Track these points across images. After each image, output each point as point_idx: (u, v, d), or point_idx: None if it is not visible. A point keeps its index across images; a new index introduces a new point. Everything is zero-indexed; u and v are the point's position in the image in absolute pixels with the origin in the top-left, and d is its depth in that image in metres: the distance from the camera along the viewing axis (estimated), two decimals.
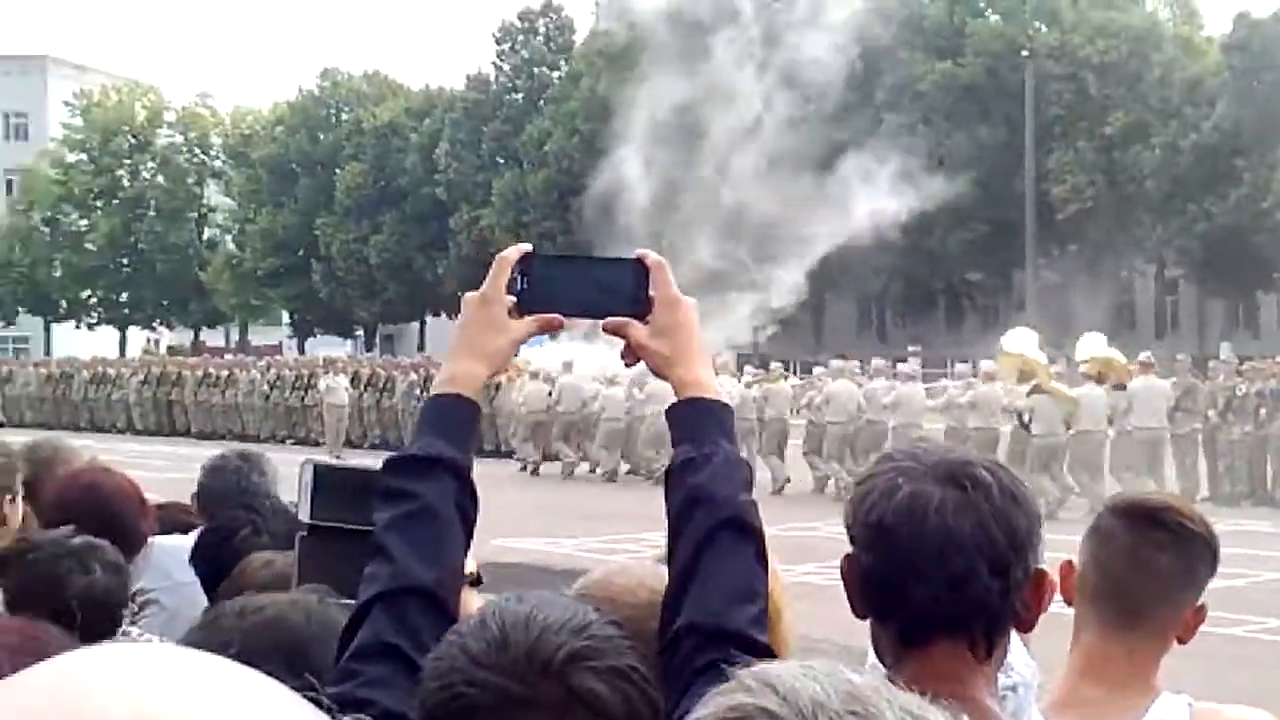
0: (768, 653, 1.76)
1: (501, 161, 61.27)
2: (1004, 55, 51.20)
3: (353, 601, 2.10)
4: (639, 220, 47.78)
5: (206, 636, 1.95)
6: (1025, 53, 49.90)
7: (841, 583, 1.97)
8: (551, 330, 2.00)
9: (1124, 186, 49.30)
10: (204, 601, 3.19)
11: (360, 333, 69.77)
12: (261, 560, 2.79)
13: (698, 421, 1.92)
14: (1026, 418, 20.93)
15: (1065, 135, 50.53)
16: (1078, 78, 50.14)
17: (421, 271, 62.38)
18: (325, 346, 59.87)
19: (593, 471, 26.92)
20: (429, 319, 66.29)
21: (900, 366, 24.91)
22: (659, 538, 2.05)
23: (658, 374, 1.98)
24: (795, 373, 50.95)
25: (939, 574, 1.86)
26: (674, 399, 1.97)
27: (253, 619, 2.02)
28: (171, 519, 4.48)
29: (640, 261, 2.00)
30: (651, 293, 1.98)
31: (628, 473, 26.41)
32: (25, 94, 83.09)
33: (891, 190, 50.80)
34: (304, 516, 2.25)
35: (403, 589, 1.79)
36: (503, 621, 1.53)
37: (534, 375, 28.45)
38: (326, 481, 2.25)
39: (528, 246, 2.01)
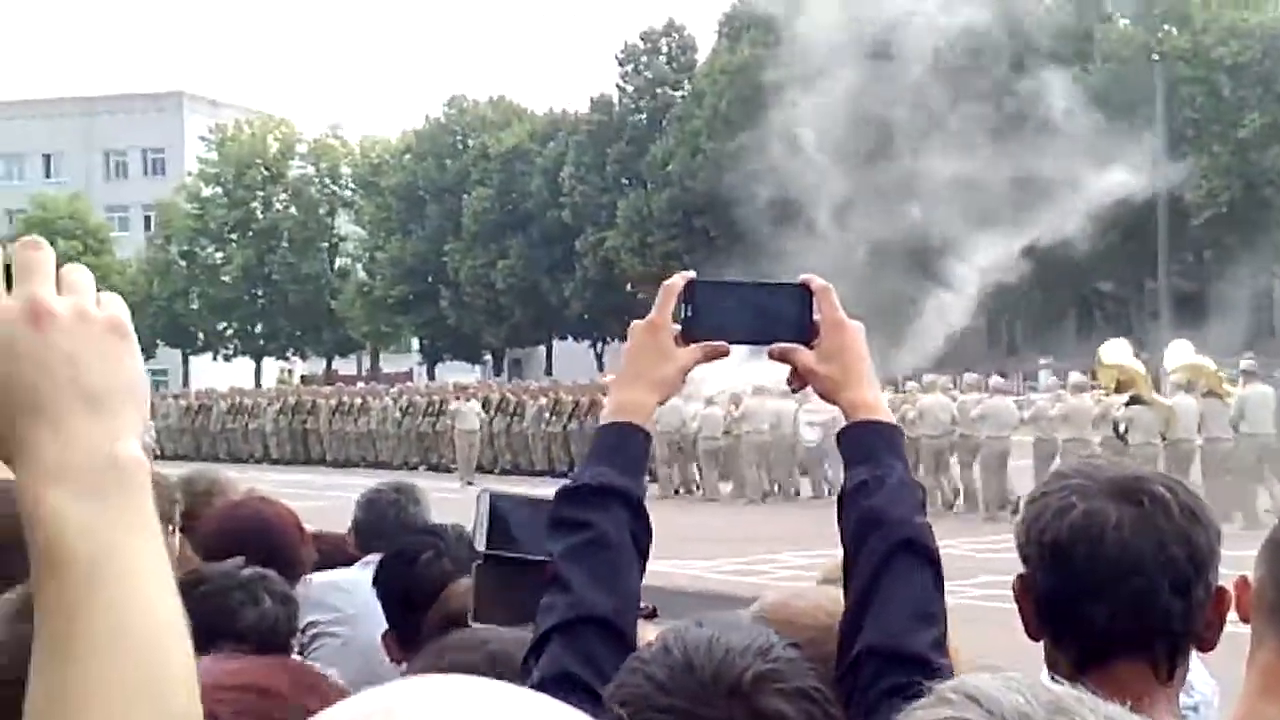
0: (949, 676, 1.72)
1: (626, 183, 61.50)
2: (1134, 59, 50.34)
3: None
4: (766, 237, 47.67)
5: (433, 666, 1.97)
6: (1156, 56, 49.04)
7: (1014, 602, 1.93)
8: (719, 357, 1.99)
9: (1261, 190, 48.20)
10: (375, 630, 3.21)
11: (488, 358, 70.40)
12: (465, 586, 2.82)
13: (870, 444, 1.91)
14: (1123, 427, 20.99)
15: (1199, 139, 49.55)
16: (1210, 80, 49.18)
17: (548, 295, 62.77)
18: (454, 372, 60.48)
19: (688, 491, 27.12)
20: (556, 342, 66.68)
21: (992, 380, 25.02)
22: (793, 557, 2.03)
23: (826, 398, 1.97)
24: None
25: (1119, 593, 1.84)
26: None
27: (480, 652, 2.08)
28: (323, 549, 4.51)
29: (805, 286, 1.99)
30: (816, 317, 1.97)
31: (730, 493, 26.71)
32: (162, 130, 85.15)
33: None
34: (480, 546, 2.28)
35: (581, 618, 1.80)
36: (686, 646, 1.53)
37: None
38: (502, 511, 2.27)
39: (692, 274, 2.00)
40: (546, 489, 2.30)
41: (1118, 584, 1.83)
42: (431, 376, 63.66)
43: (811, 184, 54.79)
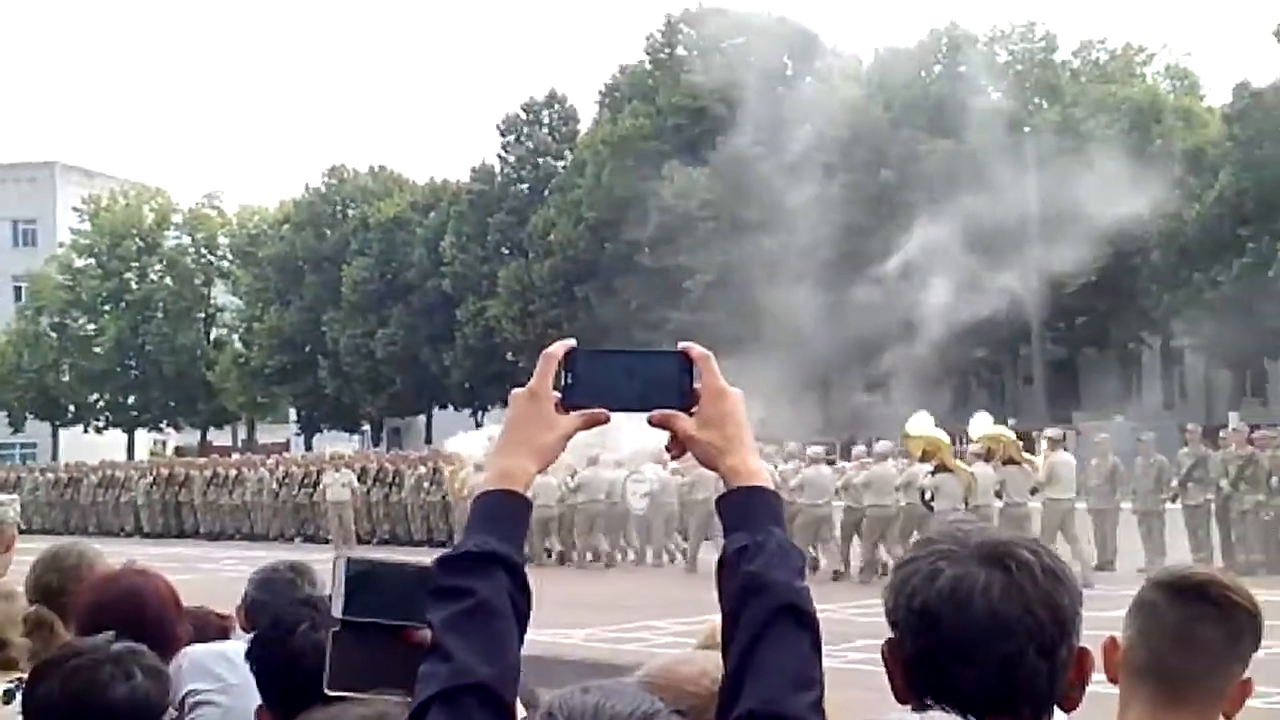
0: None
1: (507, 252, 61.67)
2: (1006, 131, 51.52)
3: (392, 697, 2.14)
4: (650, 308, 47.89)
5: None
6: (1027, 129, 50.24)
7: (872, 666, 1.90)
8: (599, 424, 1.99)
9: (1130, 258, 49.43)
10: (255, 700, 3.13)
11: (367, 427, 69.88)
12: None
13: (750, 510, 1.92)
14: (929, 494, 22.00)
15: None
16: (1081, 151, 50.45)
17: (428, 364, 62.57)
18: (333, 442, 59.95)
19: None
20: (436, 411, 66.37)
21: (809, 450, 25.85)
22: (670, 624, 2.00)
23: (707, 465, 1.96)
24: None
25: (987, 658, 1.86)
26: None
27: None
28: (195, 624, 4.41)
29: (685, 354, 1.99)
30: (697, 384, 1.98)
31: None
32: (34, 201, 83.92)
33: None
34: (337, 612, 2.22)
35: (463, 686, 1.78)
36: (570, 713, 1.54)
37: (478, 467, 28.97)
38: (359, 577, 2.22)
39: (572, 342, 2.01)
40: (425, 558, 2.25)
41: (986, 647, 1.84)
42: (309, 447, 63.05)
43: (691, 254, 55.35)
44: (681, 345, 2.00)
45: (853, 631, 13.83)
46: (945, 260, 51.62)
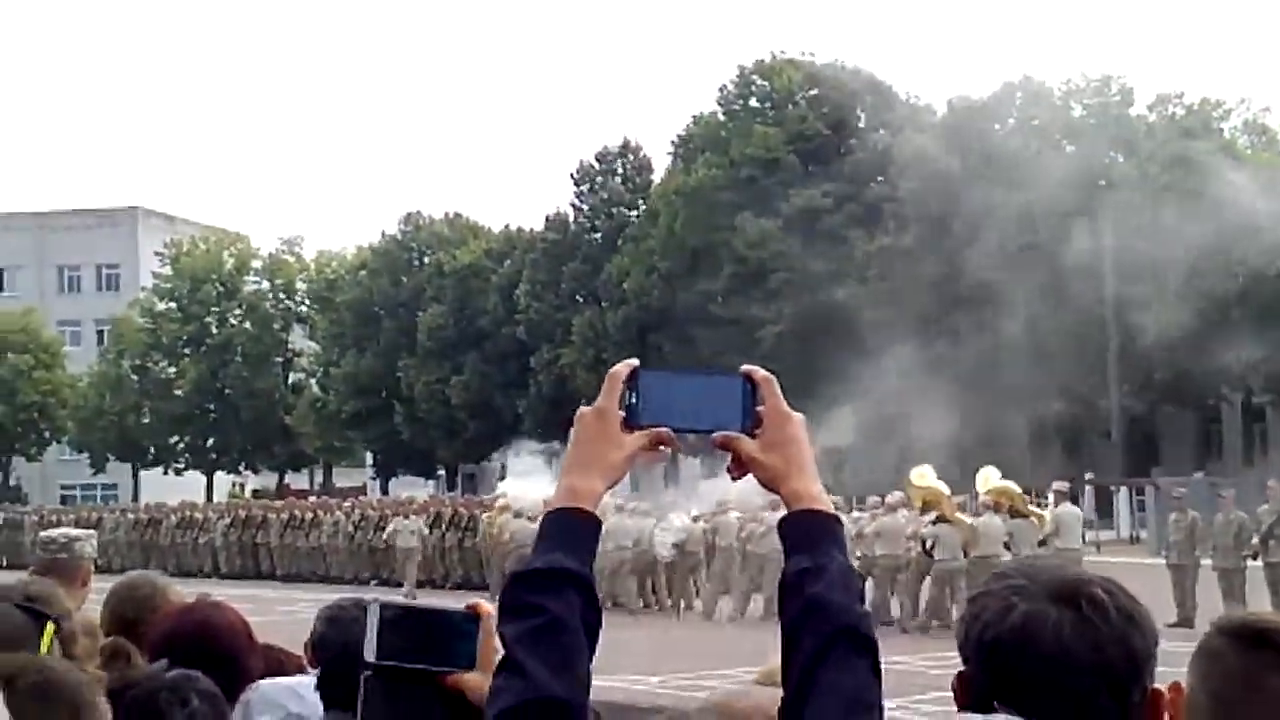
0: None
1: (581, 300, 61.80)
2: (1081, 185, 51.14)
3: None
4: (722, 357, 47.81)
5: None
6: (1102, 182, 49.86)
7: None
8: (662, 444, 2.01)
9: (1207, 314, 48.83)
10: None
11: (442, 472, 70.08)
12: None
13: (812, 533, 1.93)
14: (929, 544, 23.18)
15: (1147, 263, 50.23)
16: (1156, 207, 49.99)
17: (502, 411, 62.71)
18: (408, 487, 60.14)
19: None
20: (511, 458, 66.43)
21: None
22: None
23: (769, 487, 1.98)
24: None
25: (1056, 695, 1.85)
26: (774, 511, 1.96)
27: None
28: (270, 661, 4.48)
29: (749, 377, 2.01)
30: (759, 408, 1.99)
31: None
32: (117, 246, 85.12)
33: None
34: (369, 656, 2.21)
35: (536, 701, 1.80)
36: None
37: (517, 514, 29.33)
38: (392, 621, 2.22)
39: (635, 361, 2.03)
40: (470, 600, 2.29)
41: (1055, 686, 1.84)
42: (385, 491, 63.30)
43: (764, 304, 55.27)
44: (745, 368, 2.02)
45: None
46: (1019, 314, 51.28)
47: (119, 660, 4.28)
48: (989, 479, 24.84)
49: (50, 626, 3.29)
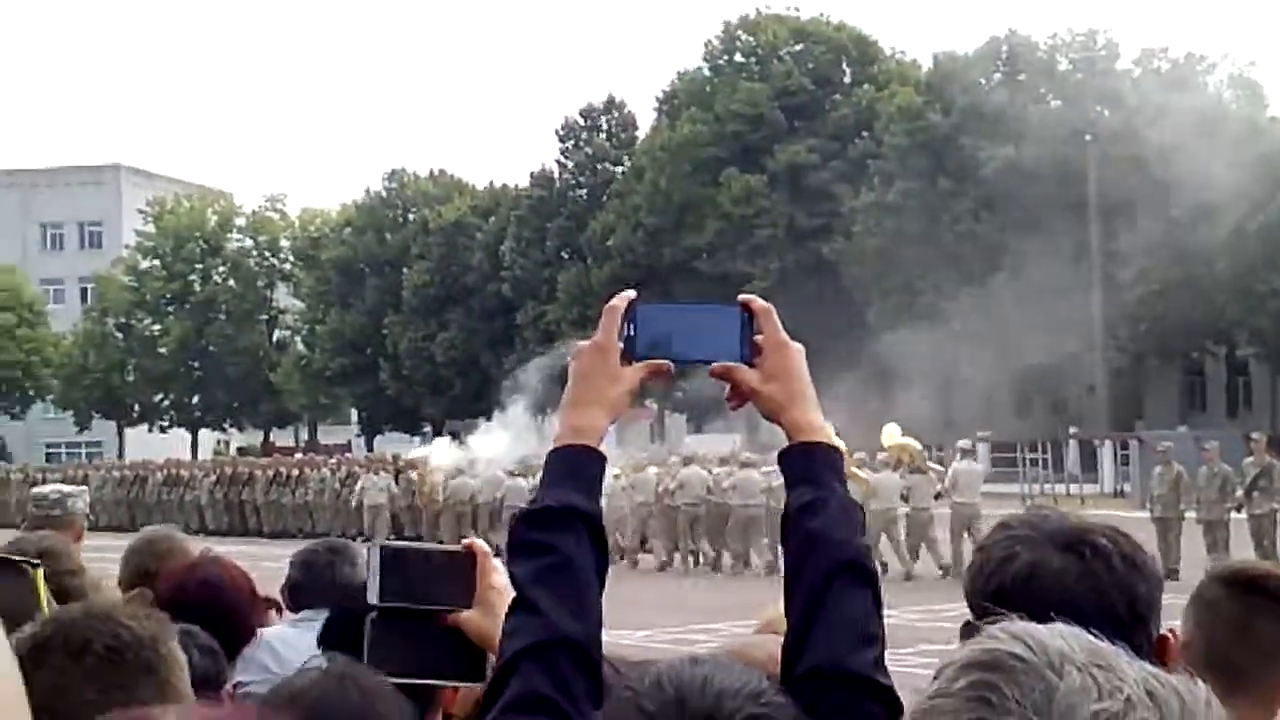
0: (890, 695, 1.76)
1: (566, 257, 61.75)
2: (1067, 139, 51.12)
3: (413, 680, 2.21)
4: None
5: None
6: (1088, 137, 49.82)
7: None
8: (660, 375, 1.98)
9: (1192, 268, 48.95)
10: None
11: (428, 429, 70.14)
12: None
13: (813, 465, 1.92)
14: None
15: (1131, 218, 50.27)
16: (1142, 160, 49.97)
17: (488, 368, 62.70)
18: (394, 444, 60.17)
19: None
20: (496, 414, 66.51)
21: (743, 455, 27.81)
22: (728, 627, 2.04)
23: (769, 418, 1.97)
24: None
25: None
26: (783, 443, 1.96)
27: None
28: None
29: (747, 306, 1.99)
30: (758, 337, 1.98)
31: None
32: (99, 203, 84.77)
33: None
34: (372, 598, 2.25)
35: (552, 641, 1.79)
36: (680, 683, 1.53)
37: (447, 476, 31.63)
38: (392, 563, 2.26)
39: (632, 294, 2.01)
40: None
41: None
42: (370, 448, 63.34)
43: (749, 260, 55.28)
44: (743, 297, 2.00)
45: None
46: (1004, 269, 51.32)
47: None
48: (892, 434, 25.95)
49: (39, 573, 3.27)
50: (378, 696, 2.14)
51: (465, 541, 2.35)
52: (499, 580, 2.25)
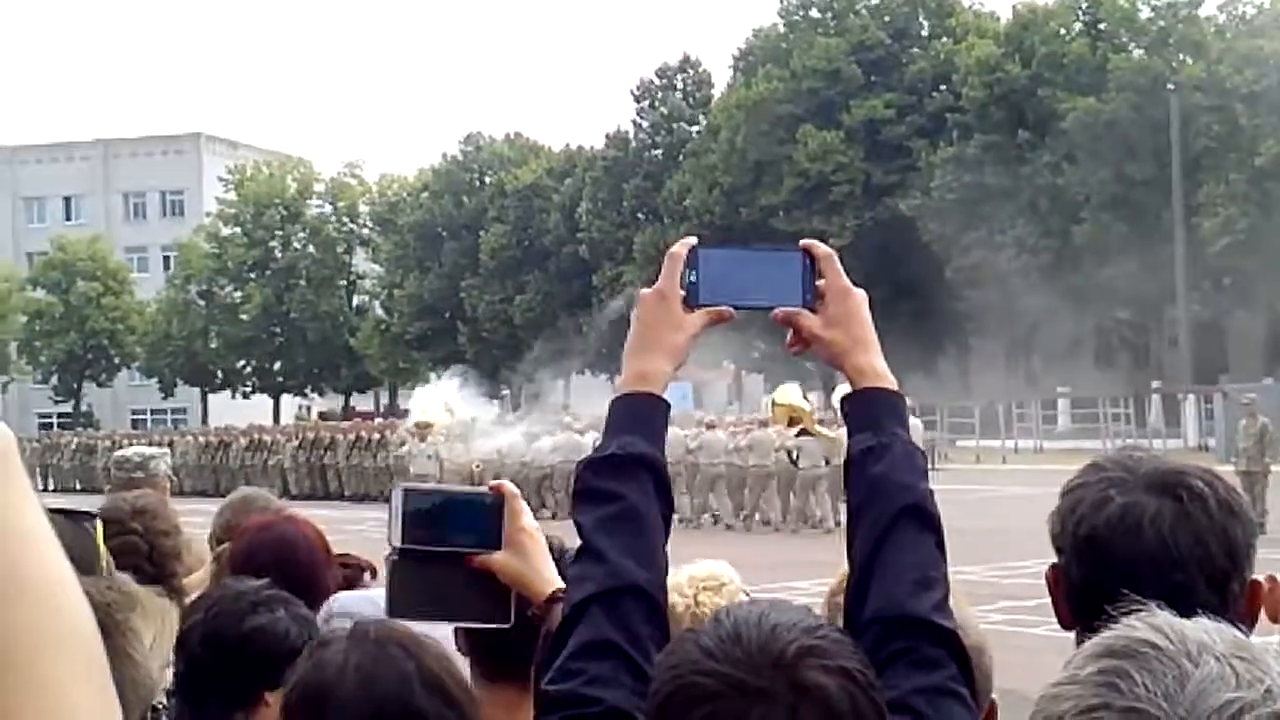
0: (953, 639, 1.76)
1: (642, 218, 61.68)
2: (1149, 89, 50.36)
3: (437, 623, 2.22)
4: None
5: None
6: (1170, 86, 49.03)
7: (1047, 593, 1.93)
8: (723, 322, 1.98)
9: (1277, 217, 48.08)
10: None
11: (507, 392, 70.47)
12: None
13: (875, 410, 1.92)
14: (795, 454, 25.96)
15: (1215, 168, 49.46)
16: (1225, 109, 49.12)
17: (566, 330, 62.87)
18: (475, 407, 60.49)
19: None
20: (574, 376, 66.77)
21: (706, 416, 29.55)
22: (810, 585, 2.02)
23: (831, 364, 1.97)
24: (944, 418, 50.49)
25: (1156, 588, 1.83)
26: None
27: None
28: (348, 573, 4.51)
29: (809, 251, 1.98)
30: (820, 283, 1.96)
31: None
32: (181, 172, 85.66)
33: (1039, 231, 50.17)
34: (395, 541, 2.24)
35: (619, 588, 1.80)
36: (736, 619, 1.56)
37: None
38: (417, 506, 2.25)
39: (694, 240, 2.00)
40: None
41: (1155, 578, 1.80)
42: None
43: (826, 217, 54.94)
44: (804, 242, 1.99)
45: None
46: (1087, 220, 50.70)
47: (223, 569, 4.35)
48: (785, 394, 27.96)
49: (100, 529, 3.27)
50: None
51: (493, 483, 2.35)
52: (528, 522, 2.27)
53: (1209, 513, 1.85)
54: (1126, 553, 1.83)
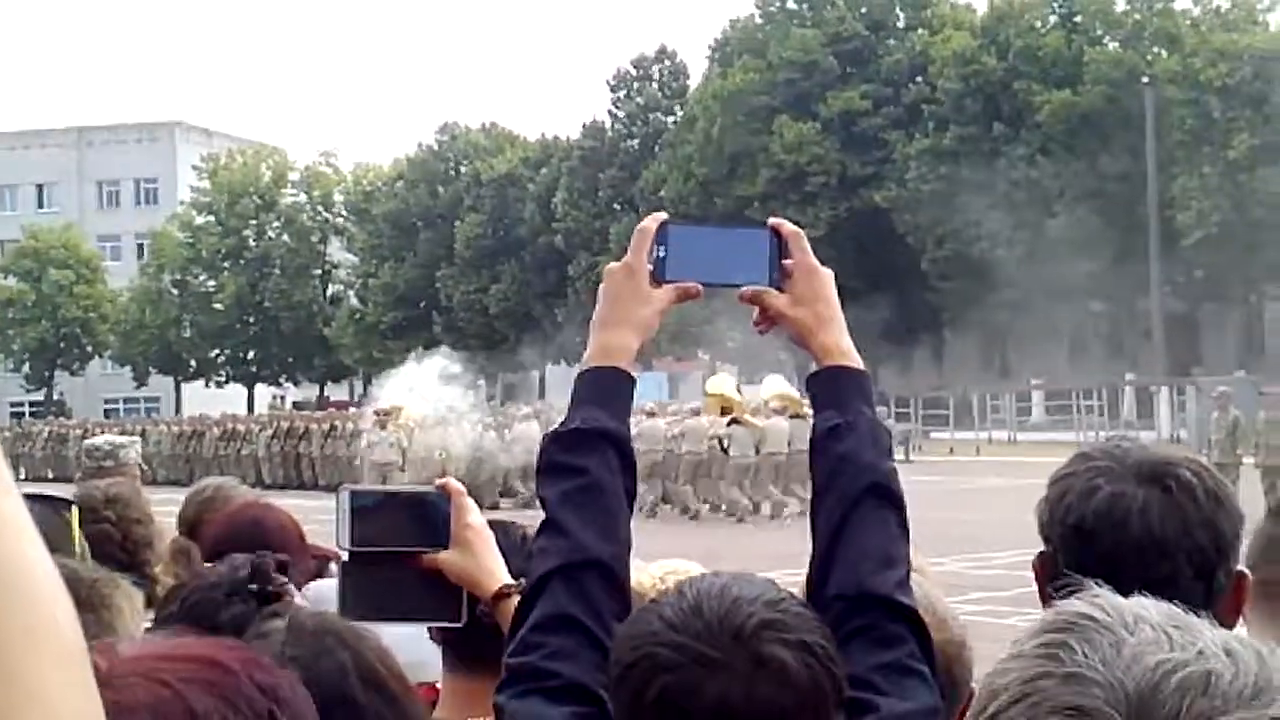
0: (913, 616, 1.77)
1: (618, 208, 61.66)
2: (1124, 82, 50.53)
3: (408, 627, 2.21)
4: None
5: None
6: (1145, 79, 49.19)
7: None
8: (690, 299, 1.99)
9: (1251, 210, 48.31)
10: None
11: (482, 382, 70.37)
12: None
13: (841, 389, 1.93)
14: (726, 443, 26.44)
15: (1189, 161, 49.66)
16: (1200, 102, 49.31)
17: (541, 320, 62.85)
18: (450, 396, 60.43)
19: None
20: (549, 367, 66.74)
21: (643, 404, 29.09)
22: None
23: (798, 343, 1.97)
24: (918, 409, 50.59)
25: (1142, 578, 1.81)
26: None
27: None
28: (323, 559, 4.50)
29: (776, 230, 1.98)
30: (787, 262, 1.96)
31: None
32: (155, 160, 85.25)
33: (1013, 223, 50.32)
34: (343, 543, 2.24)
35: (581, 563, 1.81)
36: (698, 592, 1.59)
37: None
38: (363, 507, 2.25)
39: (664, 215, 2.00)
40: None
41: (1141, 568, 1.79)
42: None
43: (801, 209, 54.99)
44: (772, 221, 1.99)
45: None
46: (1060, 215, 50.86)
47: (180, 558, 4.32)
48: (716, 384, 28.39)
49: (74, 514, 3.24)
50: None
51: (439, 481, 2.33)
52: (475, 519, 2.26)
53: (1197, 503, 1.84)
54: (1114, 542, 1.82)
